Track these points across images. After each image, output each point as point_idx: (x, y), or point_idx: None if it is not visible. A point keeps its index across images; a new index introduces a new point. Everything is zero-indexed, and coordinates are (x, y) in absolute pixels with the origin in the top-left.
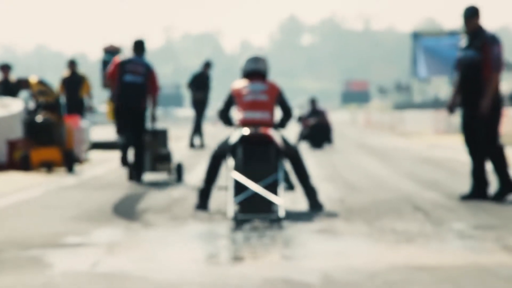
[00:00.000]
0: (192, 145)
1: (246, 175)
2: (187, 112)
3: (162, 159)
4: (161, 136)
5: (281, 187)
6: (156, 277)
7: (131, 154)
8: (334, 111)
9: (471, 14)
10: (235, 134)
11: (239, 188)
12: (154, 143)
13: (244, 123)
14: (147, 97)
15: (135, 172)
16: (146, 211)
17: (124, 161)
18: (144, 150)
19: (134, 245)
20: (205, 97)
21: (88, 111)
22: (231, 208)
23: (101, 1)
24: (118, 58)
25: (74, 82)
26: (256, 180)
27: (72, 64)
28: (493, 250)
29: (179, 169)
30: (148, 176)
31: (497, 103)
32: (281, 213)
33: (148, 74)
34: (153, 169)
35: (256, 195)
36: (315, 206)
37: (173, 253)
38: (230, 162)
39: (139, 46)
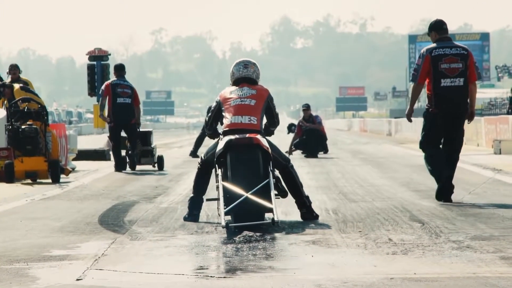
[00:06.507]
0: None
1: (235, 182)
2: (178, 119)
3: (146, 155)
4: (145, 137)
5: (272, 192)
6: None
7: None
8: (330, 118)
9: (428, 29)
10: (221, 142)
11: (229, 196)
12: (139, 142)
13: (231, 127)
14: (135, 113)
15: (130, 161)
16: (134, 222)
17: (118, 168)
18: (136, 147)
19: (121, 257)
20: None
21: None
22: (223, 217)
23: (89, 4)
24: (108, 82)
25: None
26: (246, 186)
27: (13, 68)
28: (491, 261)
29: (160, 161)
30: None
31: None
32: (276, 217)
33: (133, 94)
34: (139, 163)
35: (247, 202)
36: (308, 217)
37: (161, 266)
38: (218, 171)
39: (121, 69)
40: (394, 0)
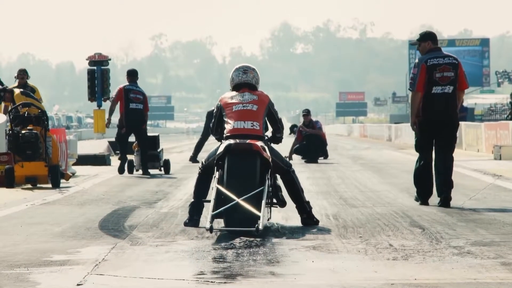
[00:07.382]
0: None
1: (229, 187)
2: (178, 124)
3: (152, 159)
4: (152, 141)
5: (264, 201)
6: None
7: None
8: (330, 123)
9: (423, 38)
10: (222, 145)
11: (221, 200)
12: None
13: (233, 133)
14: (145, 119)
15: (142, 167)
16: (134, 227)
17: (121, 170)
18: (147, 153)
19: (121, 262)
20: None
21: None
22: (209, 219)
23: (89, 9)
24: (121, 87)
25: None
26: (239, 192)
27: (21, 73)
28: (492, 267)
29: (166, 165)
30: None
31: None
32: (260, 226)
33: (144, 100)
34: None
35: (238, 208)
36: (309, 222)
37: (162, 271)
38: (216, 173)
39: (134, 74)
40: (394, 6)
